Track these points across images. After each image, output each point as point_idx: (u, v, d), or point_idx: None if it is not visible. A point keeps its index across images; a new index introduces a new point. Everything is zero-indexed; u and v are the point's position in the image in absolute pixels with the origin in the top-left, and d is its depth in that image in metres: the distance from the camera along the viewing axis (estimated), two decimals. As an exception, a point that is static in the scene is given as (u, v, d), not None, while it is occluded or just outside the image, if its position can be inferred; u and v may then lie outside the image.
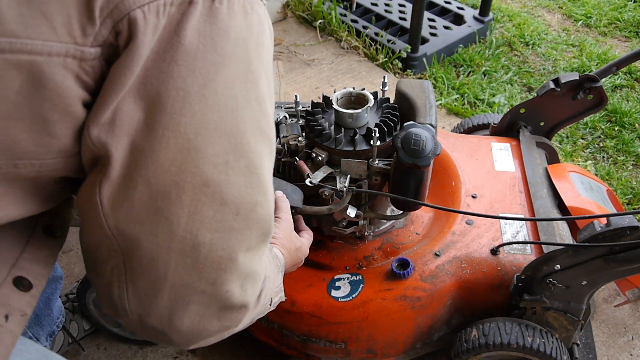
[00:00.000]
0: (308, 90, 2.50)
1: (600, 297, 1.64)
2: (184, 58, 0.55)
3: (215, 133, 0.59)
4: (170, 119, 0.55)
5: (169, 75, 0.54)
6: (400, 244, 1.33)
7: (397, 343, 1.29)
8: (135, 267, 0.61)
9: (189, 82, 0.55)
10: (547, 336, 1.18)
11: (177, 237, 0.59)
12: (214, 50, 0.56)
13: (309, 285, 1.25)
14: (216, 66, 0.57)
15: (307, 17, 2.96)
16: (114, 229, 0.58)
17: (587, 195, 1.40)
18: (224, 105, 0.59)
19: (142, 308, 0.63)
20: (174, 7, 0.53)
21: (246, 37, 0.59)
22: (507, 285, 1.22)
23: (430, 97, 1.26)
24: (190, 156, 0.57)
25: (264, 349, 1.44)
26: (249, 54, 0.60)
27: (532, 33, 2.87)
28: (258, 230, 0.67)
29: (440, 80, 2.53)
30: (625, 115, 2.31)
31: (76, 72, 0.52)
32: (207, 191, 0.59)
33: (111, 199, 0.57)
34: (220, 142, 0.59)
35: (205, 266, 0.63)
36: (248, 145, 0.62)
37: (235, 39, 0.58)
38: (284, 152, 1.27)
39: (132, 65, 0.53)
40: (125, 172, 0.56)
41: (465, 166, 1.48)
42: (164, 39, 0.54)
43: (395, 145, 1.07)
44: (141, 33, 0.52)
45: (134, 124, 0.55)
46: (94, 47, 0.52)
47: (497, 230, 1.30)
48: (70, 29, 0.50)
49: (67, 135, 0.56)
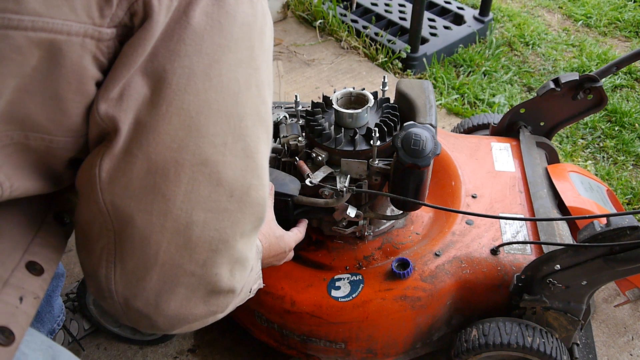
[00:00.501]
0: (308, 90, 2.50)
1: (600, 297, 1.64)
2: (192, 38, 0.56)
3: (217, 114, 0.60)
4: (175, 96, 0.56)
5: (176, 53, 0.56)
6: (400, 244, 1.33)
7: (397, 343, 1.29)
8: (125, 247, 0.61)
9: (194, 60, 0.57)
10: (547, 336, 1.18)
11: (172, 215, 0.60)
12: (221, 32, 0.58)
13: (309, 285, 1.25)
14: (222, 48, 0.58)
15: (307, 17, 2.96)
16: (109, 204, 0.59)
17: (587, 195, 1.40)
18: (226, 87, 0.60)
19: (128, 290, 0.64)
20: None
21: (251, 24, 0.61)
22: (507, 285, 1.22)
23: (430, 97, 1.26)
24: (191, 134, 0.58)
25: (264, 349, 1.44)
26: (252, 40, 0.62)
27: (532, 33, 2.87)
28: (251, 214, 0.68)
29: (440, 80, 2.53)
30: (625, 115, 2.31)
31: (93, 52, 0.54)
32: (204, 170, 0.61)
33: (109, 173, 0.57)
34: (220, 122, 0.60)
35: (197, 246, 0.63)
36: (246, 129, 0.63)
37: (242, 25, 0.60)
38: (284, 152, 1.27)
39: (144, 44, 0.54)
40: (126, 146, 0.57)
41: (465, 166, 1.48)
42: (174, 19, 0.55)
43: (395, 145, 1.07)
44: (155, 13, 0.53)
45: (140, 99, 0.56)
46: (111, 27, 0.53)
47: (497, 230, 1.30)
48: (89, 10, 0.51)
49: (78, 114, 0.57)
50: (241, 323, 1.42)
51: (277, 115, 1.44)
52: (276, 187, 1.14)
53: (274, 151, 1.31)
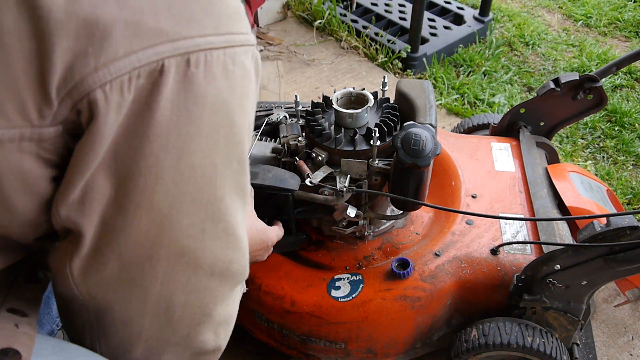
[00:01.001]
0: (308, 90, 2.50)
1: (600, 297, 1.64)
2: (157, 133, 0.51)
3: (192, 205, 0.56)
4: (143, 197, 0.53)
5: (140, 151, 0.51)
6: (400, 244, 1.33)
7: (397, 343, 1.29)
8: (108, 326, 0.60)
9: (162, 157, 0.52)
10: (547, 336, 1.18)
11: (151, 300, 0.59)
12: (189, 121, 0.52)
13: (309, 285, 1.25)
14: (192, 137, 0.53)
15: (307, 17, 2.96)
16: (86, 294, 0.57)
17: (587, 195, 1.40)
18: (201, 175, 0.55)
19: (115, 358, 0.63)
20: (143, 79, 0.49)
21: (228, 98, 0.55)
22: (507, 285, 1.22)
23: (430, 97, 1.26)
24: (164, 230, 0.55)
25: (264, 349, 1.44)
26: (231, 115, 0.56)
27: (532, 33, 2.87)
28: (233, 284, 0.67)
29: (440, 80, 2.53)
30: (625, 115, 2.31)
31: (36, 152, 0.50)
32: (182, 260, 0.58)
33: (81, 271, 0.56)
34: (196, 212, 0.57)
35: (179, 323, 0.62)
36: (226, 209, 0.59)
37: (214, 105, 0.54)
38: (284, 152, 1.27)
39: (95, 146, 0.50)
40: (96, 247, 0.54)
41: (465, 166, 1.48)
42: (134, 114, 0.50)
43: (395, 145, 1.07)
44: (102, 115, 0.49)
45: (104, 201, 0.53)
46: (54, 125, 0.50)
47: (497, 230, 1.30)
48: (25, 112, 0.48)
49: (32, 211, 0.54)
50: (241, 323, 1.42)
51: (277, 115, 1.44)
52: (276, 182, 1.14)
53: (274, 151, 1.31)
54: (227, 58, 0.54)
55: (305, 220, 1.34)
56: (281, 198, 1.15)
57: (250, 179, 1.15)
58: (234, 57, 0.54)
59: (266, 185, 1.13)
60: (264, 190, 1.14)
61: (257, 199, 1.17)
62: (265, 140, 1.38)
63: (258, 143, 1.35)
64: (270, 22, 3.00)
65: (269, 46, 2.81)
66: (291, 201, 1.16)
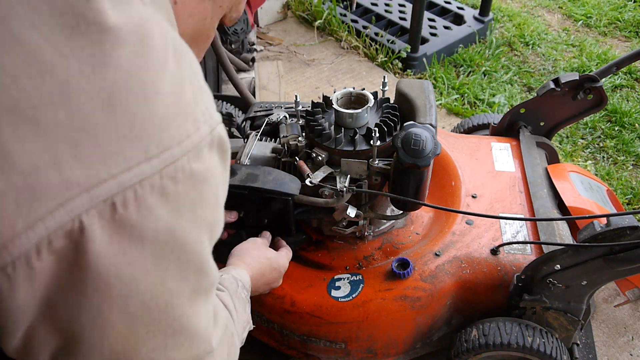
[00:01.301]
0: (308, 90, 2.50)
1: (600, 297, 1.64)
2: (94, 287, 0.45)
3: (148, 335, 0.52)
4: (93, 346, 0.48)
5: (80, 307, 0.46)
6: (400, 244, 1.33)
7: (397, 343, 1.29)
8: None
9: (105, 309, 0.47)
10: (547, 336, 1.18)
11: None
12: (130, 264, 0.47)
13: (309, 285, 1.25)
14: (137, 279, 0.48)
15: (307, 17, 2.96)
16: None
17: (587, 195, 1.40)
18: (155, 307, 0.51)
19: None
20: (60, 240, 0.43)
21: (172, 223, 0.49)
22: (507, 285, 1.22)
23: (430, 97, 1.26)
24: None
25: (264, 349, 1.44)
26: (180, 239, 0.50)
27: (532, 33, 2.87)
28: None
29: (440, 80, 2.53)
30: (625, 115, 2.31)
31: None
32: None
33: None
34: (155, 338, 0.53)
35: None
36: (187, 320, 0.55)
37: (156, 238, 0.48)
38: (284, 152, 1.27)
39: (17, 310, 0.44)
40: None
41: (465, 166, 1.48)
42: (62, 274, 0.44)
43: (395, 145, 1.07)
44: (10, 290, 0.43)
45: (51, 349, 0.48)
46: None
47: (497, 230, 1.30)
48: None
49: None
50: (241, 323, 1.42)
51: (277, 115, 1.44)
52: (276, 186, 1.14)
53: (274, 151, 1.31)
54: (165, 181, 0.47)
55: (305, 220, 1.34)
56: (282, 201, 1.15)
57: (250, 182, 1.16)
58: (176, 174, 0.47)
59: (266, 189, 1.13)
60: (264, 194, 1.14)
61: (258, 201, 1.17)
62: (265, 140, 1.38)
63: (258, 143, 1.35)
64: (270, 22, 3.00)
65: (269, 46, 2.81)
66: (291, 204, 1.16)
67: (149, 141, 0.46)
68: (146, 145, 0.46)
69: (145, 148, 0.46)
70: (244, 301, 0.92)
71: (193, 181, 0.50)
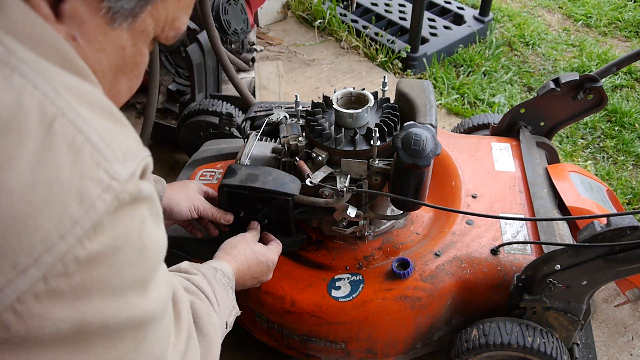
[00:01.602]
0: (308, 90, 2.50)
1: (600, 297, 1.64)
2: None
3: None
4: None
5: None
6: (401, 244, 1.33)
7: (397, 343, 1.29)
8: None
9: None
10: (548, 336, 1.18)
11: None
12: None
13: (309, 285, 1.25)
14: None
15: (307, 17, 2.96)
16: None
17: (587, 195, 1.40)
18: None
19: None
20: None
21: (79, 314, 0.45)
22: (507, 285, 1.22)
23: (430, 97, 1.26)
24: None
25: (264, 348, 1.44)
26: (97, 321, 0.46)
27: (532, 33, 2.87)
28: None
29: (440, 80, 2.53)
30: (625, 115, 2.31)
31: None
32: None
33: None
34: None
35: None
36: None
37: (62, 338, 0.44)
38: (284, 152, 1.27)
39: None
40: None
41: (465, 166, 1.48)
42: None
43: (395, 145, 1.07)
44: None
45: None
46: None
47: (497, 230, 1.30)
48: None
49: None
50: (241, 323, 1.42)
51: (277, 115, 1.44)
52: (276, 186, 1.14)
53: (274, 151, 1.31)
54: (52, 283, 0.42)
55: (305, 220, 1.34)
56: (282, 201, 1.15)
57: (250, 182, 1.16)
58: (67, 268, 0.43)
59: (266, 189, 1.13)
60: (264, 194, 1.14)
61: (258, 201, 1.17)
62: (266, 140, 1.38)
63: (258, 143, 1.35)
64: (270, 22, 3.00)
65: (269, 46, 2.81)
66: (291, 204, 1.16)
67: (13, 254, 0.40)
68: (12, 259, 0.40)
69: (11, 262, 0.40)
70: (225, 286, 0.93)
71: (96, 261, 0.44)
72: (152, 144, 2.16)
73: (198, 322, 0.78)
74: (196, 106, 1.89)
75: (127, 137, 0.49)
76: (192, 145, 1.89)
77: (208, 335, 0.79)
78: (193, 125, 1.90)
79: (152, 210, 0.51)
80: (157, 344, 0.56)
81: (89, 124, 0.45)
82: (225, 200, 1.18)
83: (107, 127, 0.47)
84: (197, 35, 1.95)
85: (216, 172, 1.51)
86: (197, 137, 1.90)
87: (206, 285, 0.88)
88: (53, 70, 0.46)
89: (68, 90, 0.45)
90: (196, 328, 0.77)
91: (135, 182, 0.47)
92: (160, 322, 0.57)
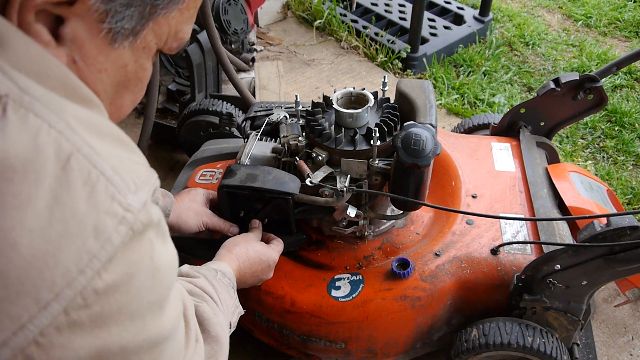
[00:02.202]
0: (308, 90, 2.50)
1: (600, 297, 1.64)
2: None
3: None
4: None
5: None
6: (401, 244, 1.33)
7: (397, 343, 1.29)
8: None
9: None
10: (547, 336, 1.18)
11: None
12: None
13: (309, 285, 1.25)
14: None
15: (307, 17, 2.96)
16: None
17: (587, 195, 1.40)
18: None
19: None
20: None
21: (99, 341, 0.46)
22: (507, 285, 1.22)
23: (430, 97, 1.26)
24: None
25: (264, 348, 1.44)
26: (117, 346, 0.48)
27: (532, 33, 2.87)
28: None
29: (440, 80, 2.53)
30: (625, 115, 2.31)
31: None
32: None
33: None
34: None
35: None
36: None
37: None
38: (284, 152, 1.27)
39: None
40: None
41: (465, 166, 1.48)
42: None
43: (395, 145, 1.07)
44: None
45: None
46: None
47: (497, 230, 1.30)
48: None
49: None
50: (241, 323, 1.42)
51: (277, 115, 1.44)
52: (276, 186, 1.14)
53: (274, 151, 1.31)
54: (73, 315, 0.43)
55: (305, 220, 1.34)
56: (282, 200, 1.15)
57: (250, 182, 1.16)
58: (87, 300, 0.44)
59: (266, 188, 1.13)
60: (264, 194, 1.14)
61: (258, 201, 1.17)
62: (266, 140, 1.38)
63: (258, 143, 1.35)
64: (270, 22, 3.00)
65: (269, 46, 2.81)
66: (291, 204, 1.16)
67: (36, 290, 0.42)
68: (35, 295, 0.42)
69: (34, 298, 0.42)
70: (227, 286, 0.94)
71: (113, 290, 0.46)
72: (152, 144, 2.16)
73: (205, 325, 0.79)
74: (196, 106, 1.89)
75: (136, 164, 0.50)
76: (192, 145, 1.89)
77: (217, 336, 0.79)
78: (193, 125, 1.90)
79: (158, 231, 0.52)
80: (171, 358, 0.58)
81: (102, 157, 0.46)
82: (225, 201, 1.18)
83: (119, 156, 0.48)
84: (197, 35, 1.95)
85: (216, 172, 1.51)
86: (197, 137, 1.90)
87: (209, 286, 0.88)
88: (63, 103, 0.46)
89: (80, 123, 0.46)
90: (204, 330, 0.78)
91: (146, 210, 0.49)
92: (175, 337, 0.58)
